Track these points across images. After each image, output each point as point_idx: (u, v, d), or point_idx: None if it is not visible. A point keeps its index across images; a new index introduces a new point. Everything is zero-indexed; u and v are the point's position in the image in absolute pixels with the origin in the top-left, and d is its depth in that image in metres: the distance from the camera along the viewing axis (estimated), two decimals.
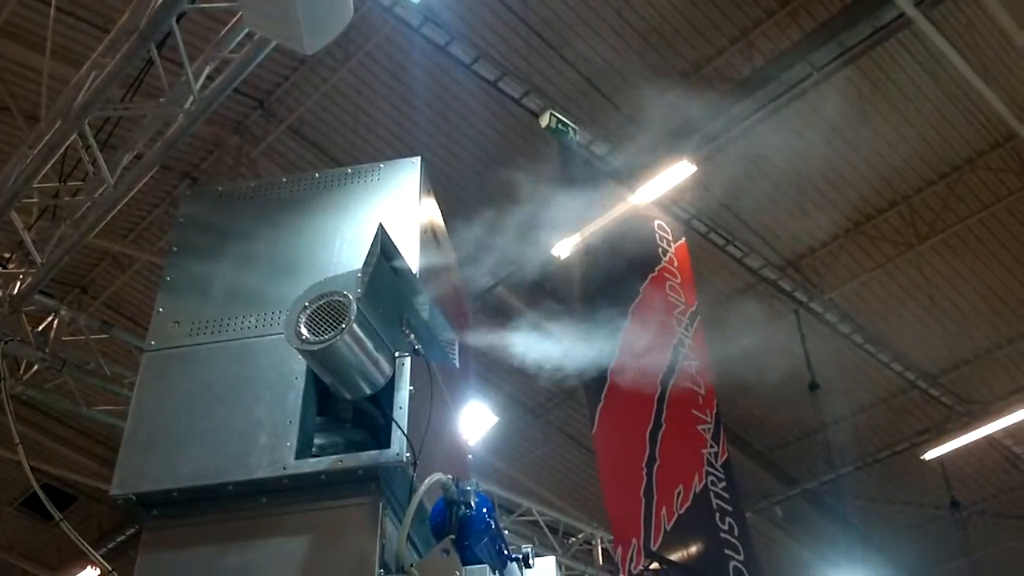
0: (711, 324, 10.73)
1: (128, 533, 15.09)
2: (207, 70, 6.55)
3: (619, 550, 8.50)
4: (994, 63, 10.52)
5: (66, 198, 7.66)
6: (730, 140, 10.86)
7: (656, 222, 10.48)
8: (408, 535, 2.85)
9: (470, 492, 2.94)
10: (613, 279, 9.54)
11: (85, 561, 14.32)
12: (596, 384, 9.01)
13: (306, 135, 11.19)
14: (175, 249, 3.76)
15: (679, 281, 10.02)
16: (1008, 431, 14.33)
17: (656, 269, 9.97)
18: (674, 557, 8.42)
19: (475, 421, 12.26)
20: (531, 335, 5.18)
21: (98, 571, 14.87)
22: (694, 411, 9.22)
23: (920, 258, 12.62)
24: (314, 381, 3.23)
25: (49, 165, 7.10)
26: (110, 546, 15.22)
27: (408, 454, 2.98)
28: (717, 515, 8.65)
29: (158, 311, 3.57)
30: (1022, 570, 16.69)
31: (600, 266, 9.57)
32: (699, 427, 9.14)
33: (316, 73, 10.56)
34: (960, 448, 13.99)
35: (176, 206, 11.07)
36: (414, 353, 3.24)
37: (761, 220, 12.06)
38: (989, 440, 14.44)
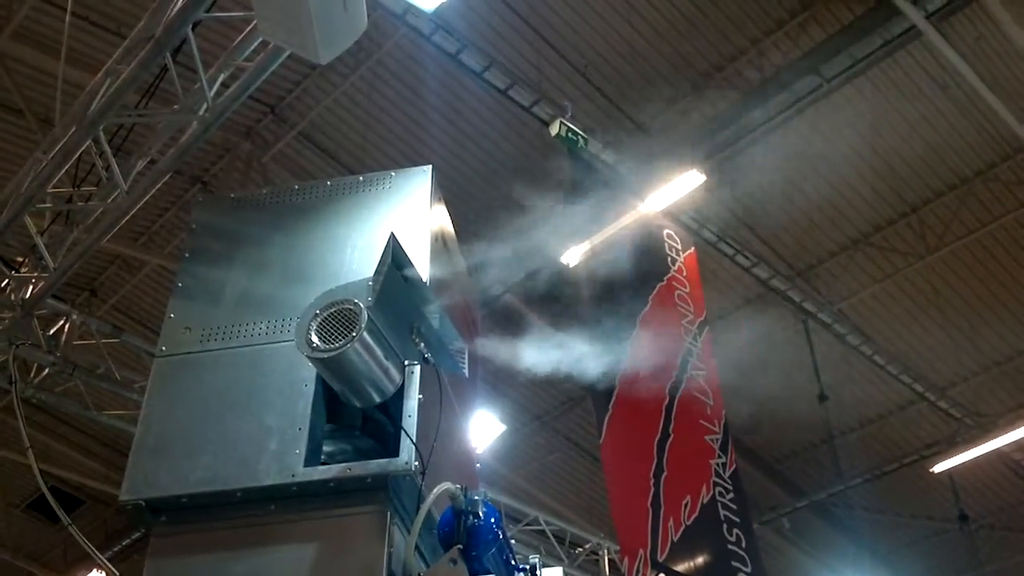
0: (720, 334, 10.74)
1: (134, 537, 15.13)
2: (221, 77, 6.59)
3: (626, 561, 8.47)
4: (1005, 75, 10.51)
5: (79, 203, 7.70)
6: (740, 150, 10.87)
7: (665, 231, 10.48)
8: (416, 544, 2.85)
9: (478, 502, 2.95)
10: (622, 288, 9.53)
11: (91, 564, 14.37)
12: (604, 393, 8.99)
13: (317, 141, 11.23)
14: (187, 255, 3.78)
15: (688, 290, 10.01)
16: (1017, 444, 14.25)
17: (665, 278, 9.96)
18: (681, 568, 8.39)
19: (483, 429, 12.27)
20: (539, 343, 5.19)
21: (104, 574, 14.90)
22: (702, 421, 9.20)
23: (929, 269, 12.60)
24: (324, 388, 3.24)
25: (63, 171, 7.14)
26: (116, 549, 15.26)
27: (417, 463, 2.99)
28: (724, 526, 8.63)
29: (169, 317, 3.59)
30: None
31: (609, 275, 9.56)
32: (707, 438, 9.12)
33: (327, 79, 10.60)
34: (969, 461, 13.92)
35: (186, 210, 11.18)
36: (424, 362, 3.25)
37: (771, 230, 12.06)
38: (998, 453, 14.37)
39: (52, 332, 10.11)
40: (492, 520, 2.96)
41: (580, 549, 13.30)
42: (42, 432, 13.93)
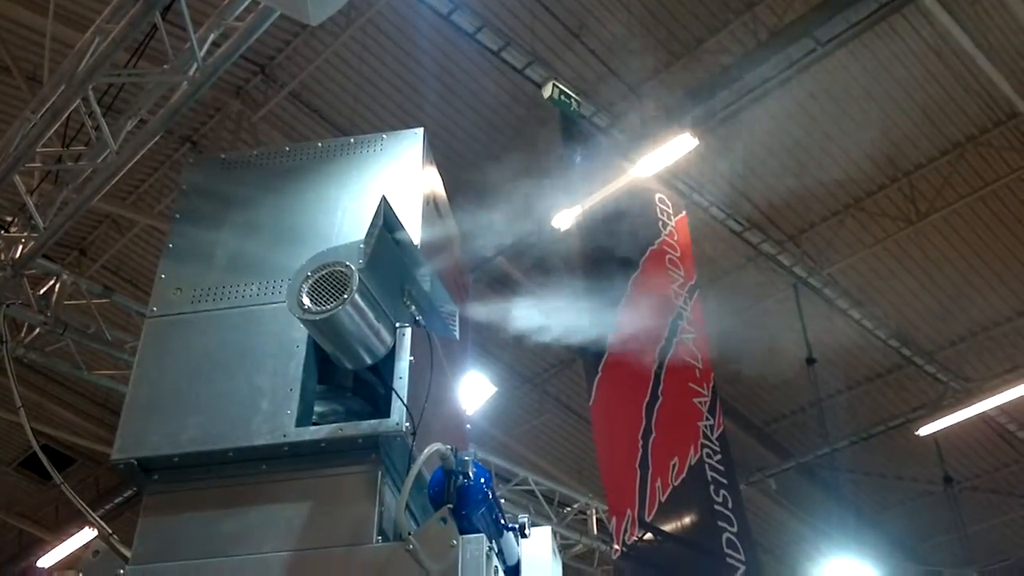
0: (710, 298, 10.77)
1: (126, 494, 15.21)
2: (211, 37, 6.53)
3: (614, 520, 8.58)
4: (999, 40, 10.48)
5: (69, 163, 7.66)
6: (732, 114, 10.83)
7: (657, 195, 10.48)
8: (406, 503, 2.89)
9: (468, 462, 2.97)
10: (613, 251, 9.54)
11: (83, 521, 14.42)
12: (594, 356, 9.04)
13: (307, 101, 11.16)
14: (178, 216, 3.78)
15: (679, 255, 10.04)
16: (1002, 408, 14.41)
17: (656, 242, 9.98)
18: (668, 528, 8.50)
19: (474, 391, 12.33)
20: (531, 306, 5.21)
21: (96, 531, 14.99)
22: (691, 384, 9.26)
23: (920, 235, 12.63)
24: (315, 350, 3.25)
25: (52, 130, 7.10)
26: (107, 507, 15.35)
27: (407, 423, 3.02)
28: (711, 487, 8.72)
29: (160, 278, 3.59)
30: (1013, 545, 16.86)
31: (600, 238, 9.57)
32: (695, 400, 9.18)
33: (318, 39, 10.51)
34: (954, 425, 14.06)
35: (176, 169, 11.12)
36: (415, 324, 3.27)
37: (762, 194, 12.05)
38: (983, 417, 14.52)
39: (42, 292, 10.08)
40: (482, 480, 2.99)
41: (569, 509, 13.42)
42: (34, 391, 13.94)
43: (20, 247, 8.40)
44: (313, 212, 3.65)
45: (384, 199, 3.15)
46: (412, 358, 3.18)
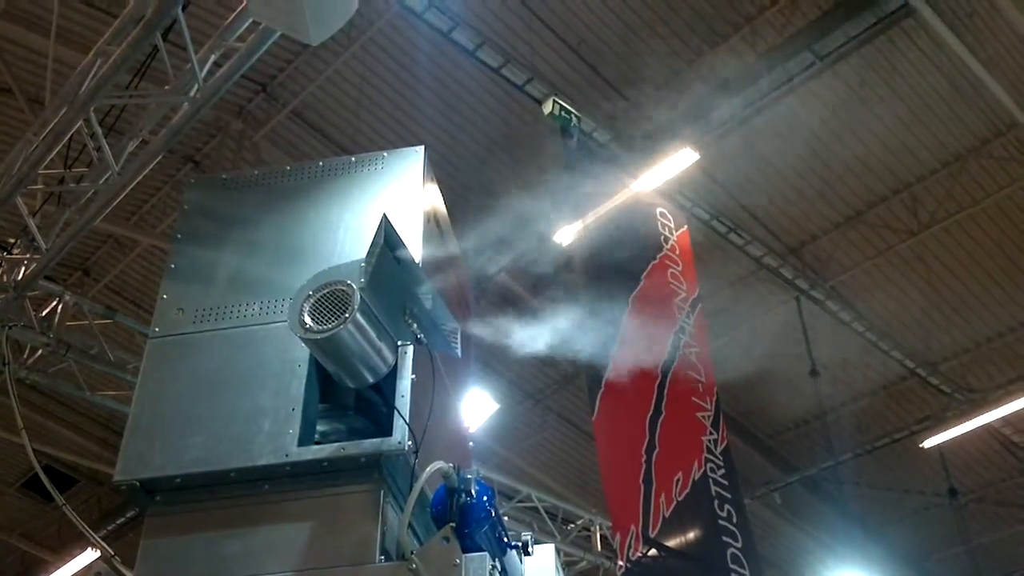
0: (712, 311, 10.76)
1: (128, 515, 15.18)
2: (212, 58, 6.56)
3: (617, 536, 8.53)
4: (998, 51, 10.50)
5: (71, 184, 7.68)
6: (733, 128, 10.86)
7: (658, 209, 10.48)
8: (409, 522, 2.88)
9: (471, 480, 2.97)
10: (615, 266, 9.54)
11: (85, 543, 14.40)
12: (596, 371, 9.02)
13: (309, 120, 11.19)
14: (179, 236, 3.79)
15: (681, 269, 10.02)
16: (1007, 420, 14.37)
17: (658, 256, 9.97)
18: (672, 544, 8.45)
19: (476, 408, 12.31)
20: (533, 322, 5.21)
21: (98, 552, 14.94)
22: (694, 398, 9.23)
23: (922, 246, 12.63)
24: (317, 369, 3.26)
25: (55, 152, 7.12)
26: (110, 528, 15.31)
27: (410, 442, 3.02)
28: (716, 502, 8.68)
29: (162, 298, 3.61)
30: (1019, 558, 16.77)
31: (602, 253, 9.56)
32: (699, 414, 9.15)
33: (319, 58, 10.55)
34: (959, 436, 14.01)
35: (178, 189, 11.16)
36: (416, 342, 3.27)
37: (763, 207, 12.07)
38: (988, 428, 14.48)
39: (45, 313, 10.09)
40: (485, 498, 2.99)
41: (572, 525, 13.38)
42: (36, 412, 13.94)
43: (22, 268, 8.41)
44: (314, 231, 3.67)
45: (385, 217, 3.16)
46: (414, 376, 3.18)
